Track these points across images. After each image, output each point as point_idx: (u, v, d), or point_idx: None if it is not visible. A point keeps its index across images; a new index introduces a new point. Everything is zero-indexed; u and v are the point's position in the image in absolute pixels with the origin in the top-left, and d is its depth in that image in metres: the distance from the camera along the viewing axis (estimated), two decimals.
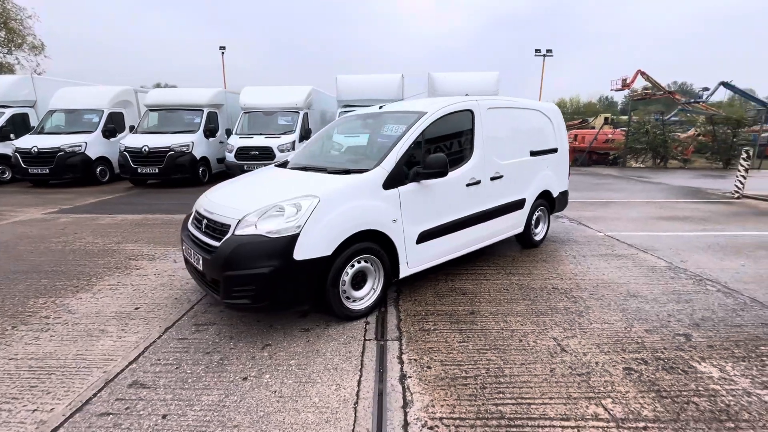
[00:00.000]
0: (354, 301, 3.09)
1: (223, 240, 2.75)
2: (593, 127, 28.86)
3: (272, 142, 10.21)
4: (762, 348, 2.71)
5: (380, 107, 4.16)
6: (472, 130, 3.88)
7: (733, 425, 1.99)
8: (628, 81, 43.17)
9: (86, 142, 10.39)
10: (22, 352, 2.68)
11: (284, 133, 10.67)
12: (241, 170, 10.18)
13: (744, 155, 9.06)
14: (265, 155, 10.12)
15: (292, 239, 2.65)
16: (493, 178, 4.04)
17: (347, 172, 3.24)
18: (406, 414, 2.09)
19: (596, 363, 2.53)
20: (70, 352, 2.69)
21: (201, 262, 2.87)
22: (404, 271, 3.35)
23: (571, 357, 2.60)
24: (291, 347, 2.73)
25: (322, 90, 13.34)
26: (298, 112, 11.16)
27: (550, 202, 5.14)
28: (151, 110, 11.40)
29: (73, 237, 5.57)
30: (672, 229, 6.08)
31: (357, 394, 2.25)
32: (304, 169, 3.71)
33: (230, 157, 10.28)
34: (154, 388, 2.30)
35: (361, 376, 2.41)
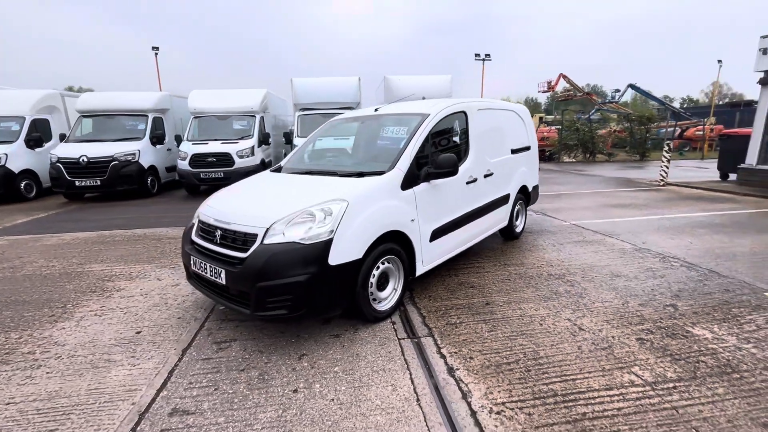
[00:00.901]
0: (379, 302, 3.11)
1: (251, 250, 2.62)
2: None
3: (230, 148, 9.71)
4: (734, 310, 3.19)
5: (375, 109, 4.19)
6: (467, 131, 4.07)
7: (738, 376, 2.35)
8: (552, 83, 47.28)
9: (6, 154, 9.08)
10: (19, 395, 2.34)
11: (241, 138, 10.20)
12: (198, 179, 9.58)
13: (666, 148, 10.42)
14: (223, 162, 9.60)
15: (327, 244, 2.61)
16: (485, 176, 4.26)
17: (361, 174, 3.25)
18: (469, 404, 2.17)
19: (612, 337, 2.82)
20: (81, 387, 2.40)
21: (223, 275, 2.71)
22: (419, 269, 3.43)
23: (590, 334, 2.86)
24: (329, 354, 2.69)
25: (272, 93, 12.96)
26: (254, 116, 10.73)
27: (526, 196, 5.53)
28: (84, 116, 10.25)
29: (20, 261, 4.88)
30: (623, 216, 6.82)
31: (415, 392, 2.28)
32: (309, 173, 3.64)
33: (184, 165, 9.59)
34: (200, 413, 2.14)
35: (411, 375, 2.45)
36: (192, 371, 2.53)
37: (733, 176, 10.47)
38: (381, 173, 3.19)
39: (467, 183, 3.94)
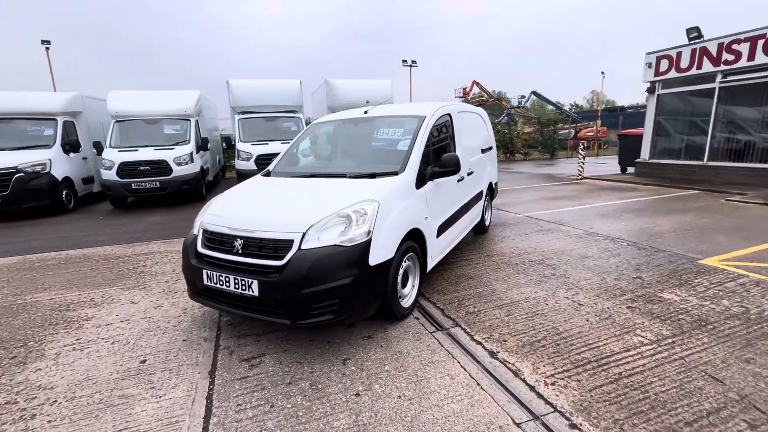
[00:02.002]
0: (402, 299, 3.16)
1: (288, 257, 2.50)
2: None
3: (166, 155, 8.81)
4: (684, 276, 3.88)
5: (365, 112, 4.21)
6: (452, 132, 4.31)
7: (711, 327, 2.90)
8: (467, 89, 51.01)
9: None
10: None
11: (177, 144, 9.32)
12: (128, 190, 8.54)
13: (581, 146, 12.00)
14: (158, 170, 8.67)
15: (366, 245, 2.61)
16: (468, 174, 4.56)
17: (372, 176, 3.27)
18: (524, 380, 2.36)
19: (608, 308, 3.25)
20: (105, 430, 2.07)
21: (255, 286, 2.54)
22: (429, 265, 3.56)
23: (590, 308, 3.26)
24: (371, 355, 2.68)
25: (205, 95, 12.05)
26: (188, 120, 9.87)
27: (491, 193, 5.99)
28: None
29: None
30: (562, 206, 7.73)
31: (472, 377, 2.41)
32: (313, 176, 3.55)
33: (109, 175, 8.45)
34: None
35: (459, 363, 2.56)
36: (233, 393, 2.34)
37: (631, 169, 12.43)
38: (394, 174, 3.26)
39: (458, 181, 4.18)
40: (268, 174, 3.97)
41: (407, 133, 3.74)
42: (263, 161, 9.40)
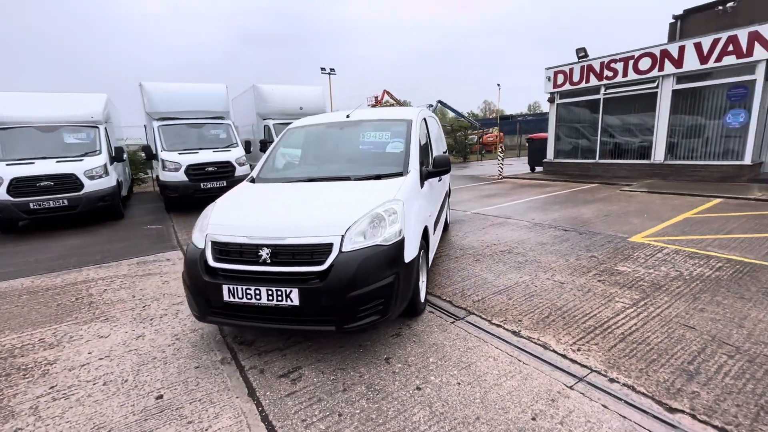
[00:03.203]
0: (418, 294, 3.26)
1: (330, 261, 2.42)
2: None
3: (75, 168, 7.49)
4: (625, 252, 4.66)
5: (347, 116, 4.20)
6: (429, 135, 4.55)
7: (664, 288, 3.57)
8: (379, 98, 52.67)
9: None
10: None
11: (85, 155, 8.00)
12: (24, 210, 7.07)
13: (500, 149, 13.37)
14: (66, 186, 7.33)
15: (401, 243, 2.66)
16: None
17: (378, 177, 3.33)
18: (555, 351, 2.65)
19: (584, 283, 3.77)
20: None
21: (295, 295, 2.41)
22: (430, 260, 3.72)
23: (571, 285, 3.75)
24: (410, 351, 2.73)
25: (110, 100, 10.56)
26: (96, 127, 8.55)
27: (448, 192, 6.41)
28: None
29: None
30: (498, 203, 8.55)
31: (511, 356, 2.62)
32: (311, 180, 3.45)
33: None
34: None
35: (493, 345, 2.77)
36: (290, 410, 2.20)
37: (539, 168, 14.23)
38: (398, 175, 3.35)
39: (439, 180, 4.43)
40: (252, 180, 3.74)
41: (395, 136, 3.86)
42: (196, 172, 8.60)
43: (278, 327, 2.55)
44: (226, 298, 2.55)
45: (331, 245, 2.49)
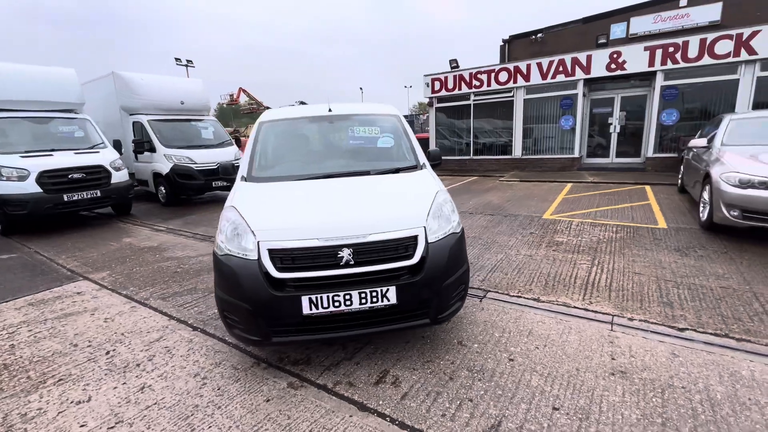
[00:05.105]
0: None
1: (420, 253, 2.36)
2: (246, 137, 31.17)
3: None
4: (550, 227, 5.73)
5: (329, 110, 3.94)
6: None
7: (600, 249, 4.60)
8: (235, 96, 48.82)
9: None
10: None
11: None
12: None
13: None
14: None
15: (463, 229, 2.78)
16: None
17: (397, 171, 3.33)
18: (577, 307, 3.20)
19: (547, 254, 4.54)
20: None
21: (392, 293, 2.27)
22: None
23: (539, 257, 4.46)
24: (471, 331, 2.89)
25: None
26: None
27: None
28: None
29: None
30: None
31: (552, 317, 3.05)
32: (329, 177, 3.18)
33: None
34: (504, 416, 2.03)
35: (532, 312, 3.15)
36: (420, 410, 2.11)
37: None
38: (414, 168, 3.43)
39: None
40: (243, 180, 3.23)
41: (385, 131, 3.90)
42: (55, 181, 6.56)
43: (369, 332, 2.35)
44: (306, 311, 2.23)
45: (415, 237, 2.44)
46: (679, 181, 7.80)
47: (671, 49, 10.12)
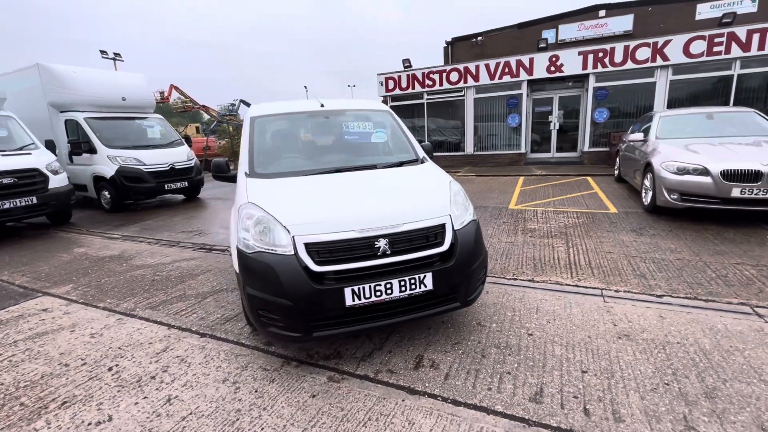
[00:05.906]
0: None
1: (449, 240, 2.47)
2: (188, 136, 29.06)
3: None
4: (519, 216, 6.16)
5: (321, 105, 3.88)
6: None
7: (569, 233, 5.07)
8: (166, 94, 45.12)
9: None
10: None
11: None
12: None
13: None
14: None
15: (477, 219, 2.94)
16: None
17: (400, 164, 3.42)
18: (569, 284, 3.52)
19: (526, 240, 4.90)
20: None
21: (429, 279, 2.36)
22: None
23: (520, 243, 4.81)
24: (485, 313, 3.07)
25: None
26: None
27: None
28: None
29: None
30: None
31: (552, 294, 3.34)
32: (338, 171, 3.17)
33: None
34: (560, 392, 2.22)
35: (533, 291, 3.41)
36: (468, 387, 2.23)
37: None
38: (415, 161, 3.53)
39: None
40: (258, 175, 3.11)
41: (378, 126, 3.97)
42: None
43: (407, 319, 2.40)
44: (349, 302, 2.24)
45: (443, 225, 2.55)
46: (616, 171, 8.77)
47: (601, 54, 11.30)
